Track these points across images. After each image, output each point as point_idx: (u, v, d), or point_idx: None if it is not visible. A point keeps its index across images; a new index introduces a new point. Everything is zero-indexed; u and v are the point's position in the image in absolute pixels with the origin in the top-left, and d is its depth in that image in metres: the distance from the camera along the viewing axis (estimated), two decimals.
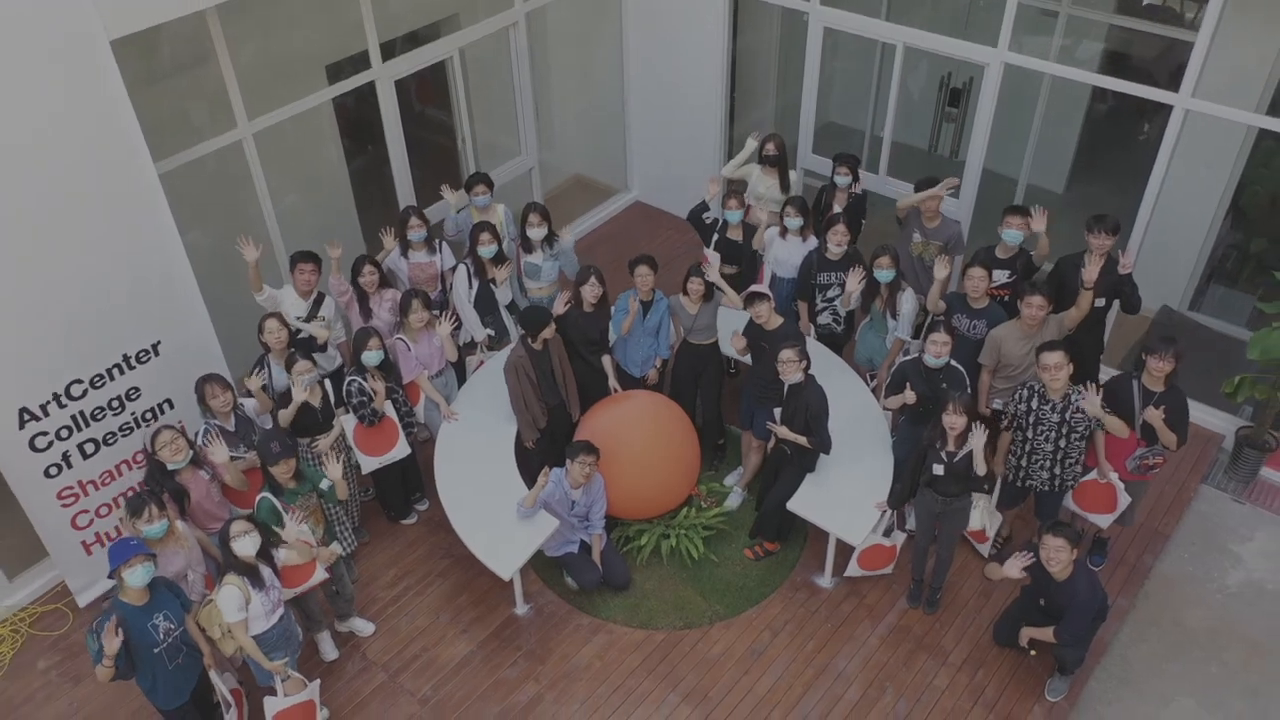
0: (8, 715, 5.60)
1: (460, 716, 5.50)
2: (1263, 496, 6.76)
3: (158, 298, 5.60)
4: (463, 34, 7.26)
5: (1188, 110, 6.21)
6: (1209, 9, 5.83)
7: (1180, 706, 5.57)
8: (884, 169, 7.89)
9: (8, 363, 5.11)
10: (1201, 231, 7.64)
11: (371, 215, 7.65)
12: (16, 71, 4.55)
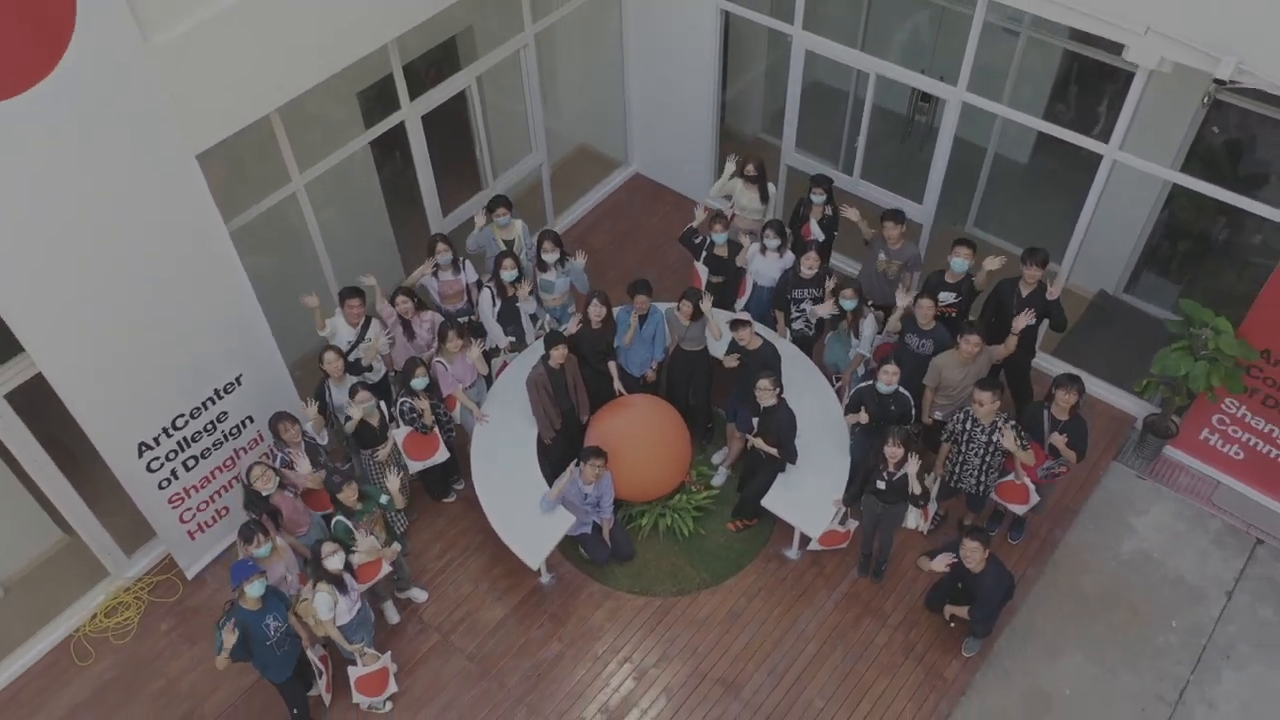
0: (146, 668, 7.10)
1: (500, 670, 6.99)
2: (1164, 473, 8.05)
3: (237, 340, 6.73)
4: (480, 63, 8.04)
5: (1115, 161, 7.14)
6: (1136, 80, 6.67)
7: (1068, 659, 7.04)
8: (858, 172, 8.80)
9: (127, 408, 6.31)
10: (1138, 226, 8.62)
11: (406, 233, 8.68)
12: (124, 182, 5.51)
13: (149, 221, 5.77)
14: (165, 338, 6.25)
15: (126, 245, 5.73)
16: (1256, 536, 7.63)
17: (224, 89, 5.80)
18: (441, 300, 7.85)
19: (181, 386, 6.55)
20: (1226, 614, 7.22)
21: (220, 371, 6.73)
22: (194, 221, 6.03)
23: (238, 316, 6.65)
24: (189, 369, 6.52)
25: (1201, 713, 6.76)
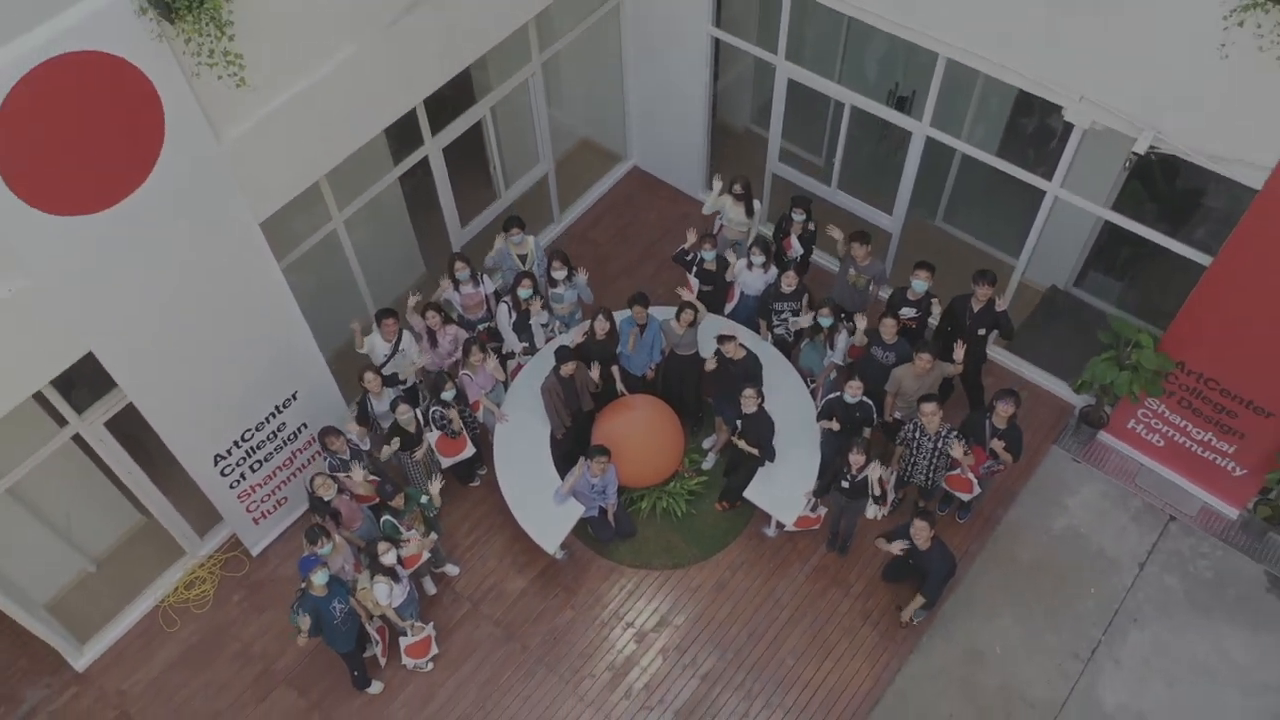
0: (223, 633, 8.42)
1: (522, 633, 8.31)
2: (1095, 457, 9.24)
3: (291, 363, 7.82)
4: (493, 94, 8.90)
5: (1057, 197, 8.11)
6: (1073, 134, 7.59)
7: (1001, 622, 8.35)
8: (835, 183, 9.73)
9: (204, 429, 7.45)
10: (1086, 228, 9.58)
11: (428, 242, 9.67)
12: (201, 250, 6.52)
13: (220, 278, 6.79)
14: (233, 370, 7.34)
15: (201, 299, 6.77)
16: (1170, 514, 8.87)
17: (281, 167, 6.75)
18: (464, 311, 8.90)
19: (247, 407, 7.67)
20: (1138, 583, 8.51)
21: (278, 391, 7.84)
22: (257, 275, 7.05)
23: (292, 344, 7.72)
24: (253, 393, 7.63)
25: (1109, 668, 8.10)
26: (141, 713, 8.05)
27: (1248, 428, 8.18)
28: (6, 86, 5.03)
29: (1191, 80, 6.49)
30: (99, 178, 5.71)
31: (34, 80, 5.11)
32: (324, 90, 6.66)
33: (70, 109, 5.35)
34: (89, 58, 5.28)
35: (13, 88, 5.05)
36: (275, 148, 6.59)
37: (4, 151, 5.17)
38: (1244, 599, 8.40)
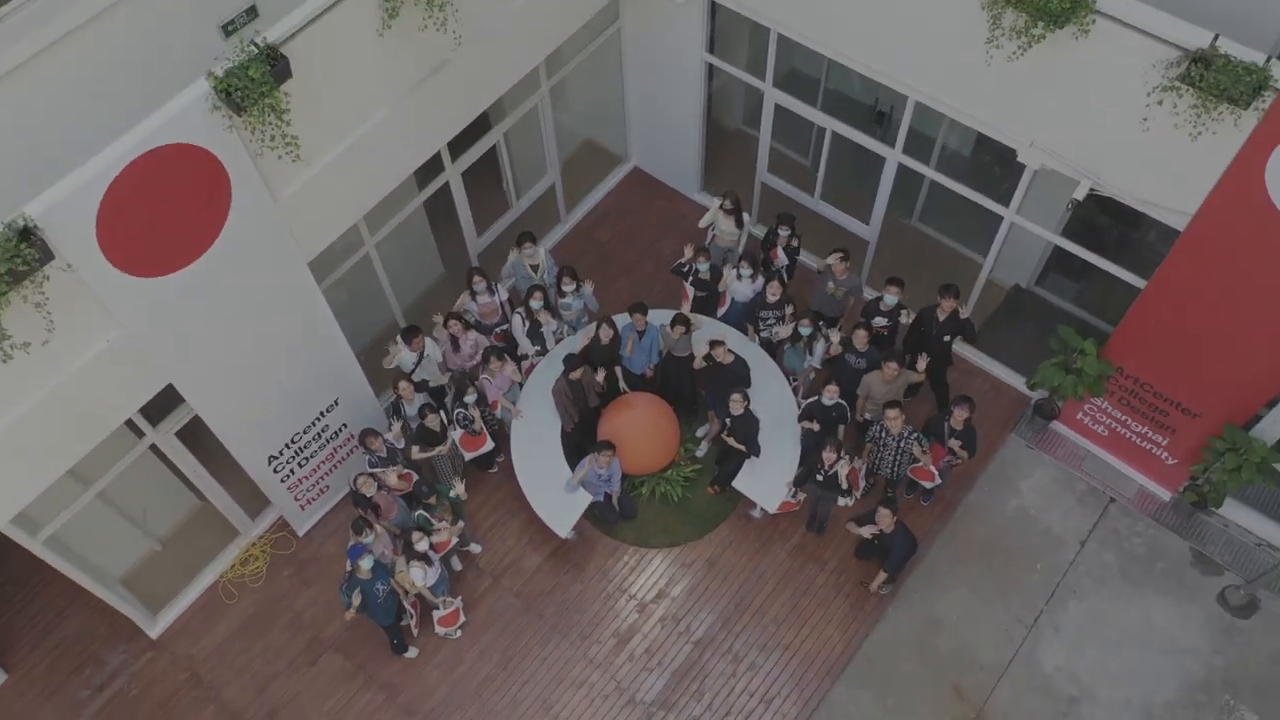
0: (276, 605, 9.62)
1: (538, 604, 9.51)
2: (1047, 444, 10.33)
3: (332, 374, 8.86)
4: (505, 121, 9.78)
5: (1013, 223, 9.06)
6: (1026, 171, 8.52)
7: (957, 593, 9.54)
8: (818, 193, 10.66)
9: (260, 435, 8.54)
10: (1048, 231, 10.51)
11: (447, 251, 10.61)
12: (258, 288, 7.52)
13: (274, 311, 7.81)
14: (284, 385, 8.39)
15: (258, 329, 7.79)
16: (1110, 496, 10.01)
17: (325, 214, 7.72)
18: (480, 317, 9.91)
19: (296, 415, 8.75)
20: (1078, 559, 9.68)
21: (322, 399, 8.90)
22: (305, 306, 8.06)
23: (333, 359, 8.76)
24: (300, 402, 8.70)
25: (1049, 634, 9.32)
26: (209, 674, 9.29)
27: (1177, 425, 9.26)
28: (109, 179, 5.99)
29: (1122, 141, 7.40)
30: (177, 244, 6.69)
31: (130, 172, 6.06)
32: (361, 148, 7.58)
33: (156, 191, 6.31)
34: (173, 149, 6.22)
35: (114, 180, 6.01)
36: (321, 199, 7.54)
37: (104, 231, 6.15)
38: (1170, 572, 9.58)
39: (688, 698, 9.07)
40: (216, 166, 6.53)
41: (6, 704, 9.22)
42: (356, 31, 6.91)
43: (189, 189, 6.50)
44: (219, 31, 7.22)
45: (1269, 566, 9.29)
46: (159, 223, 6.47)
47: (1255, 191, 7.04)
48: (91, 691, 9.27)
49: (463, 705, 9.05)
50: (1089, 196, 8.13)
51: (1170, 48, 6.74)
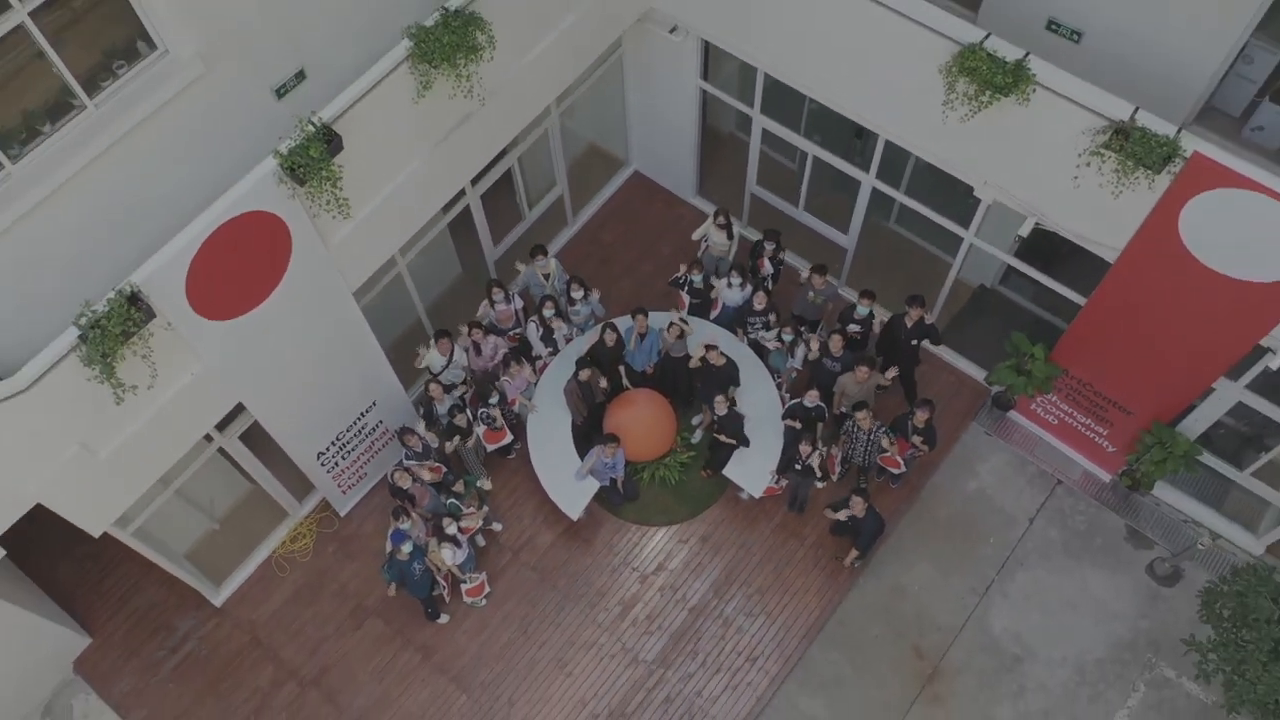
0: (323, 577, 10.97)
1: (553, 577, 10.86)
2: (1004, 431, 11.59)
3: (370, 381, 10.08)
4: (520, 147, 10.84)
5: (971, 244, 10.20)
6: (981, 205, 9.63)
7: (920, 566, 10.89)
8: (802, 205, 11.76)
9: (310, 435, 9.79)
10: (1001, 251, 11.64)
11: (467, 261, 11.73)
12: (312, 318, 8.71)
13: (323, 334, 9.00)
14: (330, 394, 9.63)
15: (311, 350, 8.99)
16: (1058, 479, 11.30)
17: (368, 252, 8.87)
18: (497, 322, 11.10)
19: (340, 417, 10.00)
20: (1027, 535, 11.02)
21: (361, 402, 10.15)
22: (349, 328, 9.26)
23: (371, 368, 9.98)
24: (343, 406, 9.94)
25: (998, 601, 10.69)
26: (268, 637, 10.69)
27: (1114, 419, 10.52)
28: (196, 246, 7.14)
29: (1060, 189, 8.51)
30: (247, 291, 7.87)
31: (212, 238, 7.21)
32: (397, 195, 8.69)
33: (232, 250, 7.46)
34: (246, 216, 7.36)
35: (199, 247, 7.16)
36: (364, 240, 8.68)
37: (191, 287, 7.32)
38: (1106, 546, 10.93)
39: (684, 657, 10.47)
40: (281, 226, 7.68)
41: (93, 664, 10.64)
42: (395, 102, 7.99)
43: (258, 246, 7.65)
44: (273, 94, 8.26)
45: (1192, 541, 10.62)
46: (233, 275, 7.64)
47: (1171, 237, 8.19)
48: (166, 653, 10.68)
49: (489, 664, 10.46)
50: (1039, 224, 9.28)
51: (1097, 117, 7.83)
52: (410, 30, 7.84)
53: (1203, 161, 7.58)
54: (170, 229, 7.82)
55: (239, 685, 10.49)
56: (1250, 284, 8.05)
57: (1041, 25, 9.01)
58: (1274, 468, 10.08)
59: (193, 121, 7.77)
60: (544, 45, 9.28)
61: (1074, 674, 10.33)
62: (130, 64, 7.33)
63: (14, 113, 6.94)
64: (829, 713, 10.23)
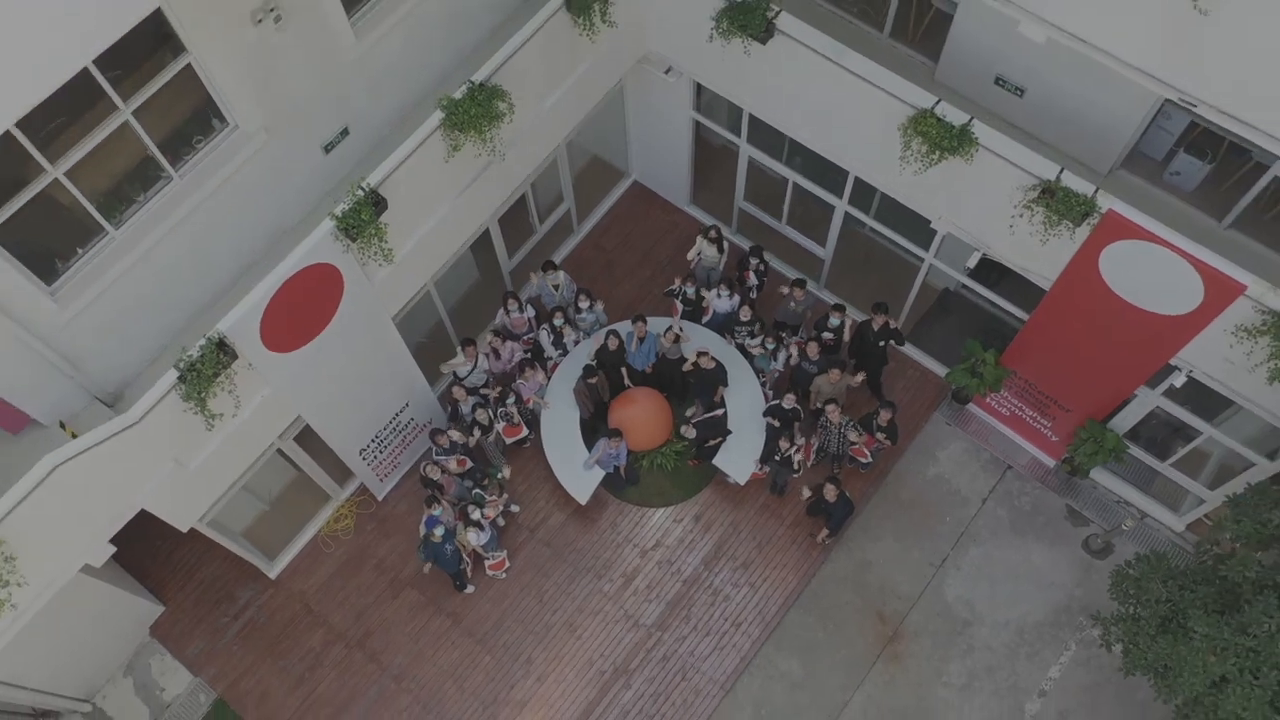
0: (363, 553, 12.56)
1: (564, 553, 12.44)
2: (963, 422, 13.09)
3: (404, 387, 11.55)
4: (532, 174, 12.16)
5: (931, 264, 11.59)
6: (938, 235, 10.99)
7: (884, 542, 12.47)
8: (784, 219, 13.11)
9: (354, 434, 11.30)
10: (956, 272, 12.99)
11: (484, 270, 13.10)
12: (358, 340, 10.16)
13: (367, 356, 10.46)
14: (371, 400, 11.12)
15: (356, 368, 10.45)
16: (1008, 464, 12.83)
17: (405, 284, 10.29)
18: (512, 328, 12.54)
19: (378, 419, 11.50)
20: (979, 514, 12.58)
21: (396, 405, 11.64)
22: (388, 347, 10.72)
23: (404, 376, 11.45)
24: (381, 409, 11.44)
25: (953, 572, 12.28)
26: (318, 605, 12.32)
27: (1056, 415, 12.01)
28: (269, 297, 8.57)
29: (1001, 229, 9.88)
30: (306, 327, 9.31)
31: (281, 289, 8.63)
32: (430, 235, 10.08)
33: (296, 296, 8.88)
34: (308, 268, 8.77)
35: (271, 297, 8.58)
36: (401, 276, 10.09)
37: (265, 328, 8.76)
38: (1048, 524, 12.50)
39: (678, 621, 12.11)
40: (336, 274, 9.09)
41: (168, 628, 12.28)
42: (429, 164, 9.34)
43: (316, 290, 9.07)
44: (321, 150, 9.57)
45: (1122, 519, 12.18)
46: (297, 315, 9.07)
47: (1093, 275, 9.59)
48: (229, 619, 12.32)
49: (510, 628, 12.10)
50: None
51: (1029, 175, 9.18)
52: (442, 102, 9.15)
53: (1115, 217, 8.96)
54: (237, 269, 9.32)
55: (294, 646, 12.14)
56: (1159, 316, 9.48)
57: (991, 80, 10.28)
58: (1191, 459, 11.60)
59: (256, 179, 9.11)
60: (555, 97, 10.57)
61: (1015, 635, 11.96)
62: (207, 138, 8.66)
63: (114, 186, 8.31)
64: (803, 670, 11.89)
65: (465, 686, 11.89)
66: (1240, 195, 9.38)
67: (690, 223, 14.23)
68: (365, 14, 9.10)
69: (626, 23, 10.33)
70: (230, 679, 12.03)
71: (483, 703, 11.80)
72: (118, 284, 8.47)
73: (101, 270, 8.32)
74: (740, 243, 13.91)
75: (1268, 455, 10.43)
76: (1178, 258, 8.81)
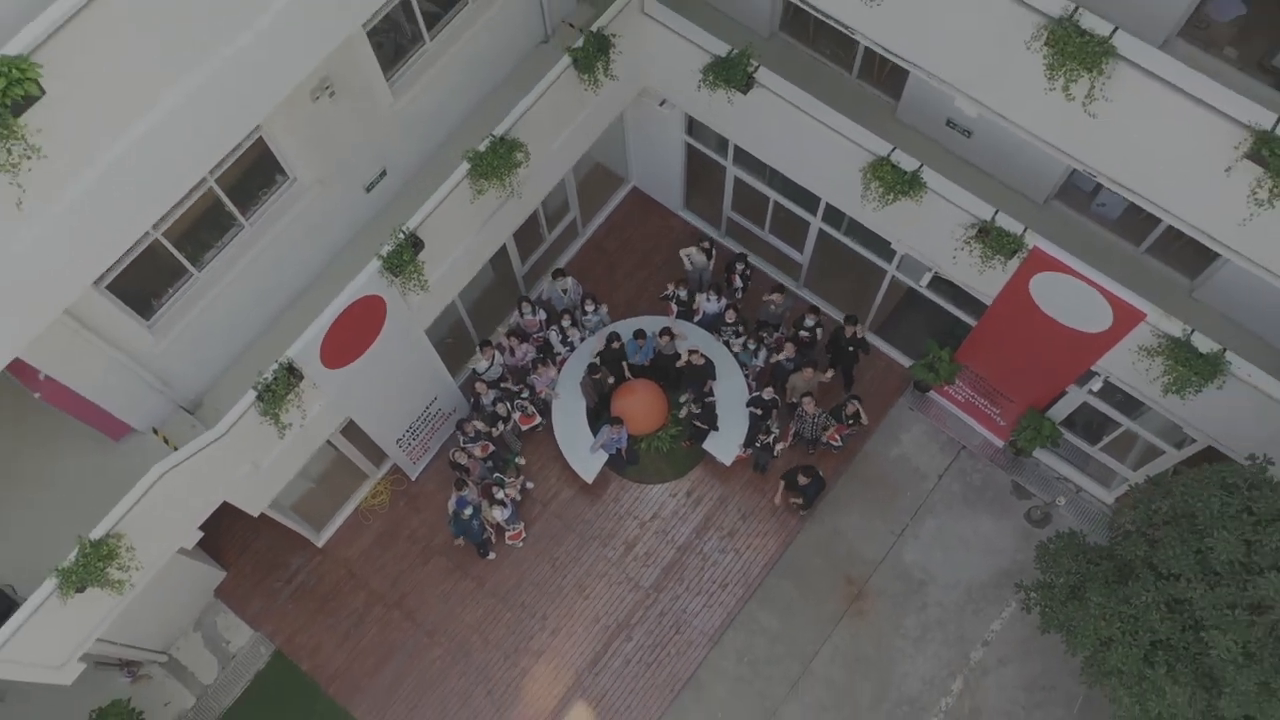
0: (398, 525, 14.40)
1: (574, 524, 14.28)
2: (924, 407, 14.83)
3: (433, 384, 13.27)
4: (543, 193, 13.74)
5: (893, 275, 13.22)
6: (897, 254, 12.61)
7: (852, 514, 14.29)
8: (768, 228, 14.71)
9: (392, 426, 13.06)
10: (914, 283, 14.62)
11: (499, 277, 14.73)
12: (394, 351, 11.86)
13: (404, 363, 12.17)
14: (406, 397, 12.86)
15: (395, 372, 12.16)
16: (962, 445, 14.60)
17: (435, 303, 11.94)
18: (525, 328, 14.22)
19: (412, 411, 13.25)
20: (935, 489, 14.38)
21: (427, 398, 13.38)
22: (422, 354, 12.42)
23: (435, 377, 13.16)
24: (414, 403, 13.18)
25: (910, 540, 14.13)
26: (361, 570, 14.20)
27: (1003, 404, 13.76)
28: (329, 325, 10.25)
29: (948, 255, 11.50)
30: (356, 346, 10.99)
31: (338, 318, 10.31)
32: (456, 262, 11.73)
33: (348, 322, 10.55)
34: (359, 299, 10.43)
35: (334, 320, 10.27)
36: (434, 296, 11.75)
37: (324, 350, 10.46)
38: (995, 498, 14.32)
39: (672, 583, 13.99)
40: (380, 302, 10.76)
41: (231, 591, 14.18)
42: (458, 205, 10.95)
43: (365, 316, 10.75)
44: (363, 189, 11.15)
45: (1059, 493, 13.99)
46: (349, 337, 10.76)
47: (1025, 296, 11.24)
48: (283, 583, 14.21)
49: (527, 590, 14.00)
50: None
51: (969, 215, 10.79)
52: (468, 155, 10.72)
53: (1039, 253, 10.59)
54: (295, 293, 11.00)
55: (340, 606, 14.04)
56: (1079, 332, 11.15)
57: (943, 122, 11.80)
58: (1118, 444, 13.36)
59: (311, 219, 10.73)
60: (563, 137, 12.12)
61: (963, 595, 13.86)
62: (270, 190, 10.25)
63: (196, 235, 9.92)
64: (780, 624, 13.81)
65: (489, 639, 13.83)
66: (1154, 226, 10.99)
67: (684, 226, 15.81)
68: (401, 76, 10.64)
69: (626, 72, 11.82)
70: (286, 634, 13.96)
71: (504, 653, 13.74)
72: (200, 315, 10.15)
73: (188, 306, 10.01)
74: (731, 245, 15.49)
75: (1175, 445, 12.20)
76: (1090, 288, 10.46)
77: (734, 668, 13.62)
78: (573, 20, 12.38)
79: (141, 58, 6.62)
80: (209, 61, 7.14)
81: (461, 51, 11.00)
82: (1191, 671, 9.04)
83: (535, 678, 13.63)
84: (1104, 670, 9.74)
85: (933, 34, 9.15)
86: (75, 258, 7.13)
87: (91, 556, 8.93)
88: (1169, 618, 9.24)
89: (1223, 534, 8.56)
